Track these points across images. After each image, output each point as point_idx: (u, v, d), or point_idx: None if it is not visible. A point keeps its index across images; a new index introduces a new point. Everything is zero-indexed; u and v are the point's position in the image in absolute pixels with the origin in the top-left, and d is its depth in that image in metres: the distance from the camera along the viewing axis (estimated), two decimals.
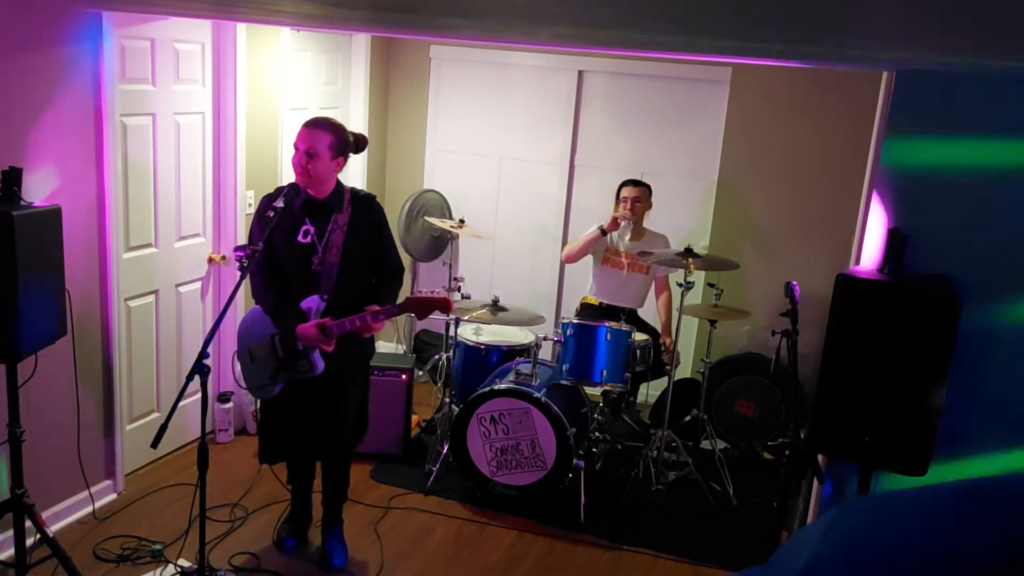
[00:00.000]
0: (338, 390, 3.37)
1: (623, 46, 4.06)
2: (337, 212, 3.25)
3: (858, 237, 3.07)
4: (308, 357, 3.19)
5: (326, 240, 3.22)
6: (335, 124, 3.24)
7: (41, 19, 3.26)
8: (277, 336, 3.22)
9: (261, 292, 3.27)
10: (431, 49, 5.64)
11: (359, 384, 3.54)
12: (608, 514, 4.07)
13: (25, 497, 3.05)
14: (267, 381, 3.28)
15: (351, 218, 3.26)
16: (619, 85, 5.33)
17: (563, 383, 4.14)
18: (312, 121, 3.22)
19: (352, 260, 3.26)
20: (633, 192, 4.57)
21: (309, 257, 3.22)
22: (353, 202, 3.30)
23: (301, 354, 3.19)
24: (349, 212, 3.27)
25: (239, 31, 4.28)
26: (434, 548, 3.76)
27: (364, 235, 3.29)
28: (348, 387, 3.42)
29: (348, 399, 3.43)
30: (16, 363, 2.92)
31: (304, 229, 3.23)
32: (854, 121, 4.39)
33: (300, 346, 3.17)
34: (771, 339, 3.29)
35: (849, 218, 3.37)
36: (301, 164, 3.17)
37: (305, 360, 3.19)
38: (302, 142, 3.17)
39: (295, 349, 3.19)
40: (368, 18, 3.36)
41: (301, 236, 3.23)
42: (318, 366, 3.21)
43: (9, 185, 2.87)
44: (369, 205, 3.34)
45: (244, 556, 3.54)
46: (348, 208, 3.27)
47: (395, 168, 5.87)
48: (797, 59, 3.71)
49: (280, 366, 3.24)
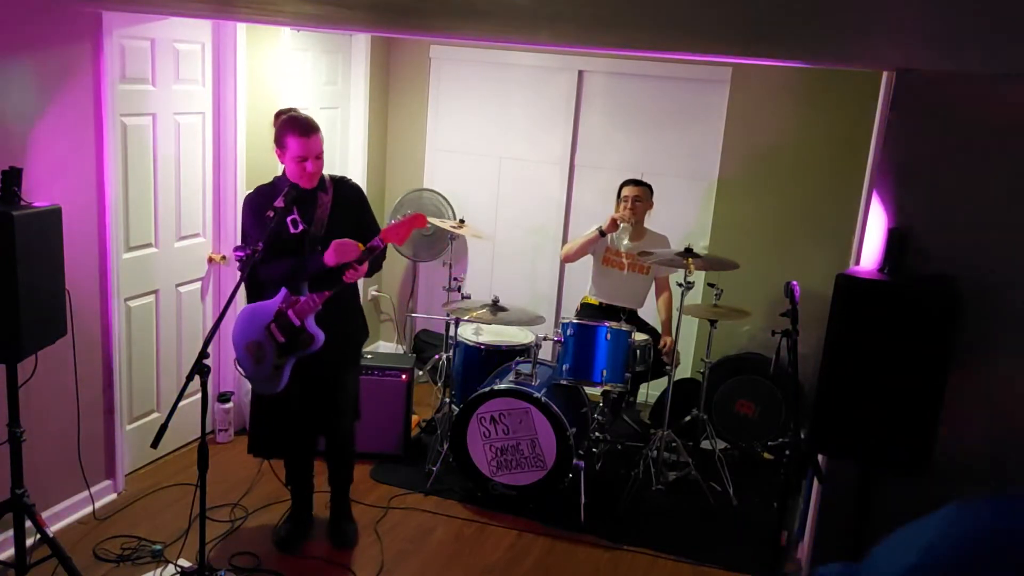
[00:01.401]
0: (339, 371, 3.50)
1: (623, 46, 4.06)
2: (321, 191, 3.37)
3: (858, 237, 3.08)
4: (307, 330, 3.27)
5: (312, 219, 3.33)
6: (313, 119, 3.34)
7: (41, 19, 3.25)
8: (272, 324, 3.29)
9: (274, 271, 3.31)
10: (431, 49, 5.64)
11: (356, 365, 3.69)
12: (608, 514, 4.07)
13: (25, 497, 3.05)
14: (273, 372, 3.33)
15: (333, 197, 3.39)
16: (619, 85, 5.33)
17: (563, 383, 4.14)
18: (309, 126, 3.26)
19: (336, 232, 3.32)
20: (634, 192, 4.57)
21: (303, 244, 3.32)
22: (333, 183, 3.43)
23: (299, 330, 3.27)
24: (331, 192, 3.40)
25: (239, 31, 4.28)
26: (434, 548, 3.76)
27: (347, 211, 3.43)
28: (348, 367, 3.57)
29: (348, 380, 3.58)
30: (16, 363, 2.92)
31: (292, 219, 3.31)
32: (854, 121, 4.39)
33: (296, 322, 3.25)
34: (771, 339, 3.29)
35: (849, 218, 3.37)
36: (317, 170, 3.27)
37: (305, 333, 3.27)
38: (312, 150, 3.25)
39: (293, 327, 3.27)
40: (368, 18, 3.35)
41: (292, 228, 3.32)
42: (318, 337, 3.28)
43: (9, 185, 2.86)
44: (347, 185, 3.50)
45: (244, 556, 3.54)
46: (330, 188, 3.40)
47: (395, 168, 5.87)
48: (797, 59, 3.71)
49: (283, 350, 3.30)
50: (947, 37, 2.02)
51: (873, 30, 2.01)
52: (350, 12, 2.98)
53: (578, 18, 2.34)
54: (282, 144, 3.27)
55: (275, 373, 3.31)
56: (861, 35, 2.15)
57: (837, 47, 2.63)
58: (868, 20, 1.82)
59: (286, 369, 3.32)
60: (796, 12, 1.77)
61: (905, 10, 1.65)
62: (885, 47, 2.43)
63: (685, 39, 2.86)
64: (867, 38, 2.22)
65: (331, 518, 3.76)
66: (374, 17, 3.22)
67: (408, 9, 2.62)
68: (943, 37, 2.03)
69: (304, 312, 3.26)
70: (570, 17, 2.31)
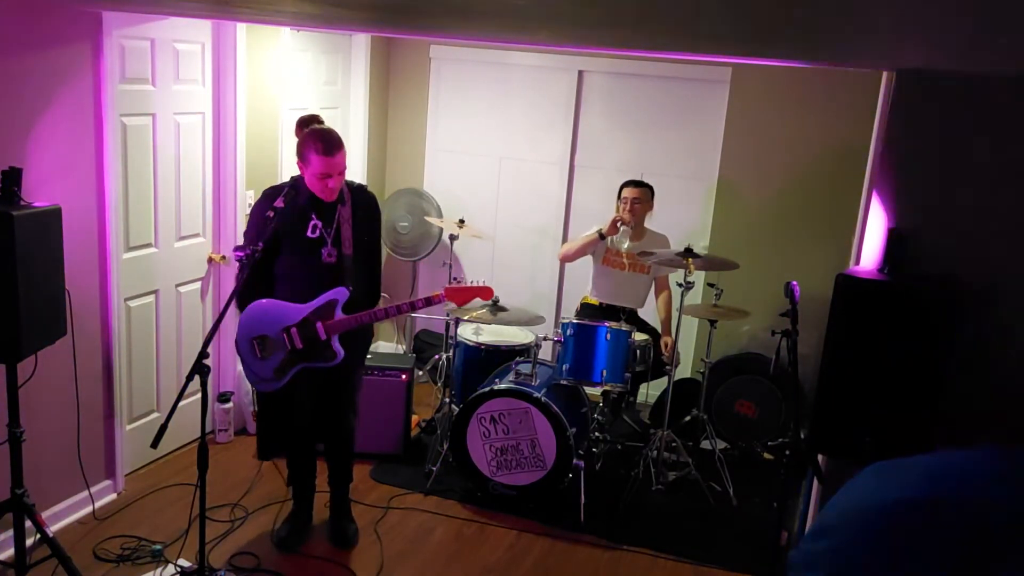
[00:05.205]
0: (349, 372, 3.51)
1: (623, 46, 4.06)
2: (340, 204, 3.36)
3: (858, 237, 3.07)
4: (331, 347, 3.29)
5: (335, 233, 3.34)
6: (338, 134, 3.31)
7: (41, 19, 3.25)
8: (294, 328, 3.26)
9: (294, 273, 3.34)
10: (431, 49, 5.64)
11: (362, 365, 3.72)
12: (608, 514, 4.07)
13: (25, 497, 3.05)
14: (276, 373, 3.32)
15: (353, 210, 3.39)
16: (619, 85, 5.33)
17: (563, 383, 4.14)
18: (333, 144, 3.22)
19: (360, 251, 3.41)
20: (634, 193, 4.57)
21: (319, 250, 3.32)
22: (351, 193, 3.42)
23: (324, 344, 3.28)
24: (350, 204, 3.39)
25: (239, 31, 4.28)
26: (434, 548, 3.76)
27: (366, 225, 3.45)
28: (356, 369, 3.59)
29: (354, 379, 3.60)
30: (16, 363, 2.92)
31: (312, 224, 3.31)
32: (854, 121, 4.39)
33: (323, 335, 3.27)
34: (771, 339, 3.29)
35: (849, 218, 3.37)
36: (338, 186, 3.28)
37: (329, 350, 3.29)
38: (336, 168, 3.23)
39: (317, 339, 3.28)
40: (368, 18, 3.36)
41: (310, 231, 3.31)
42: (339, 355, 3.30)
43: (9, 185, 2.86)
44: (366, 195, 3.50)
45: (244, 556, 3.54)
46: (348, 200, 3.39)
47: (395, 168, 5.87)
48: (797, 59, 3.71)
49: (296, 357, 3.29)
50: (947, 37, 2.02)
51: (873, 30, 2.01)
52: (350, 12, 2.98)
53: (578, 18, 2.34)
54: (305, 159, 3.24)
55: (278, 374, 3.30)
56: (861, 35, 2.15)
57: (837, 47, 2.63)
58: (868, 20, 1.82)
59: (291, 373, 3.31)
60: (796, 13, 1.77)
61: (905, 10, 1.65)
62: (885, 47, 2.43)
63: (685, 39, 2.86)
64: (867, 38, 2.22)
65: (331, 518, 3.76)
66: (374, 17, 3.22)
67: (408, 9, 2.62)
68: (943, 37, 2.03)
69: (336, 329, 3.27)
70: (570, 17, 2.31)
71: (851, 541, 0.72)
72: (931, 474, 0.76)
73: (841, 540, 0.73)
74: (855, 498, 0.75)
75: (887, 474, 0.76)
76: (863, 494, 0.75)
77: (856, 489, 0.76)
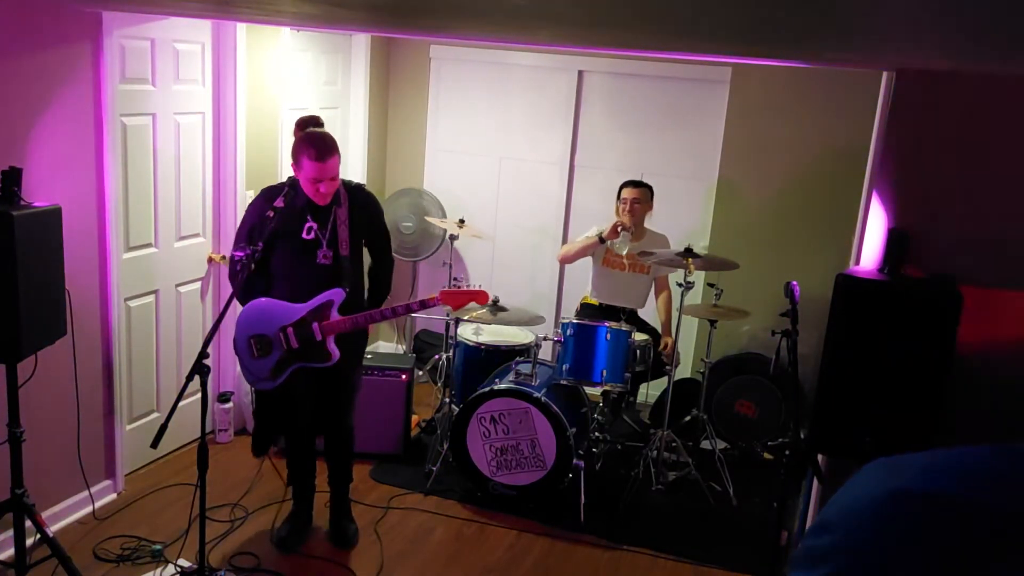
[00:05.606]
0: (347, 373, 3.51)
1: (623, 46, 4.06)
2: (336, 206, 3.36)
3: (858, 237, 3.07)
4: (326, 347, 3.29)
5: (331, 234, 3.34)
6: (333, 138, 3.31)
7: (41, 19, 3.25)
8: (290, 328, 3.27)
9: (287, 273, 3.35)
10: (431, 49, 5.64)
11: (360, 364, 3.72)
12: (608, 514, 4.07)
13: (25, 497, 3.04)
14: (272, 372, 3.33)
15: (350, 212, 3.38)
16: (619, 85, 5.33)
17: (563, 383, 4.14)
18: (326, 149, 3.22)
19: (357, 252, 3.41)
20: (633, 193, 4.56)
21: (314, 251, 3.33)
22: (348, 194, 3.41)
23: (319, 344, 3.29)
24: (347, 205, 3.38)
25: (239, 31, 4.28)
26: (434, 548, 3.76)
27: (364, 227, 3.44)
28: (354, 369, 3.59)
29: (353, 378, 3.60)
30: (16, 363, 2.92)
31: (308, 226, 3.32)
32: (854, 121, 4.39)
33: (319, 336, 3.27)
34: (771, 339, 3.29)
35: (849, 218, 3.37)
36: (331, 191, 3.27)
37: (324, 350, 3.29)
38: (327, 174, 3.23)
39: (312, 340, 3.28)
40: (368, 18, 3.36)
41: (305, 233, 3.32)
42: (335, 356, 3.30)
43: (9, 185, 2.86)
44: (364, 195, 3.49)
45: (244, 556, 3.54)
46: (345, 201, 3.38)
47: (395, 168, 5.87)
48: (797, 59, 3.71)
49: (291, 357, 3.30)
50: (947, 37, 2.02)
51: (873, 30, 2.01)
52: (350, 12, 2.98)
53: (578, 18, 2.34)
54: (298, 162, 3.25)
55: (274, 373, 3.32)
56: (861, 35, 2.15)
57: (837, 47, 2.63)
58: (869, 20, 1.82)
59: (287, 372, 3.32)
60: (796, 13, 1.77)
61: (905, 10, 1.65)
62: (885, 47, 2.43)
63: (685, 39, 2.86)
64: (867, 38, 2.22)
65: (331, 518, 3.76)
66: (374, 17, 3.22)
67: (408, 9, 2.62)
68: (943, 37, 2.03)
69: (332, 330, 3.27)
70: (570, 17, 2.31)
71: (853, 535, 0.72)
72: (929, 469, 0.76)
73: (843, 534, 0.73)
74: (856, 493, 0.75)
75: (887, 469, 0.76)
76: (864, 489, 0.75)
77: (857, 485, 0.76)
